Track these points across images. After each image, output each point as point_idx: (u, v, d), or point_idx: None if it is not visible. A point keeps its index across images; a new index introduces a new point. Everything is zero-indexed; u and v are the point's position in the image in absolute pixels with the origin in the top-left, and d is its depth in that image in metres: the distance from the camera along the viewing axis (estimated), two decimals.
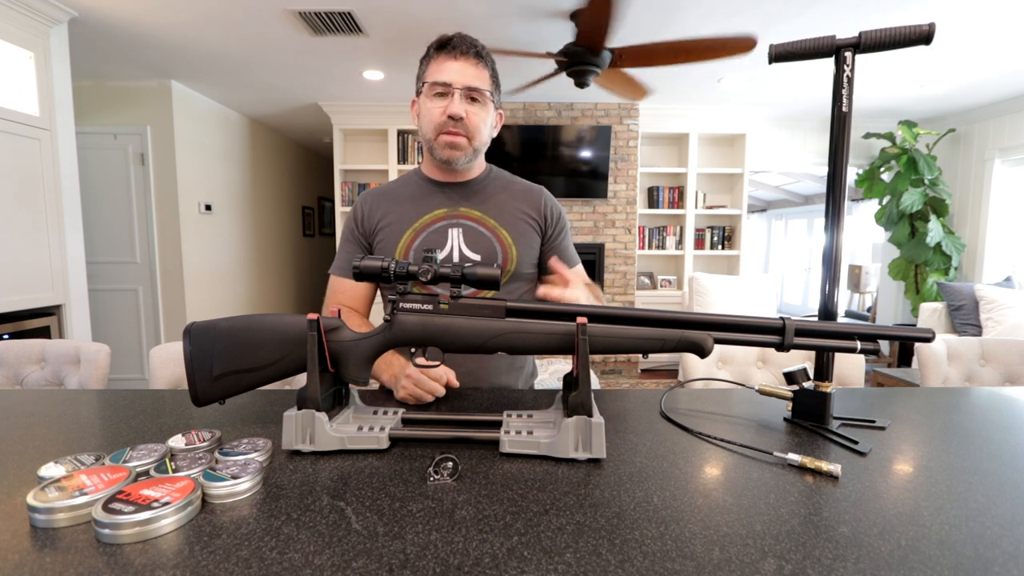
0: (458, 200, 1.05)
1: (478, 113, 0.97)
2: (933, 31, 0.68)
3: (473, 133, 0.98)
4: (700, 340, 0.65)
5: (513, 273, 1.04)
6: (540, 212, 1.08)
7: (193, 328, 0.64)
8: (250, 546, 0.44)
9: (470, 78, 0.95)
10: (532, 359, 1.19)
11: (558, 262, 0.90)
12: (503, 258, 1.02)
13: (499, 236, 1.03)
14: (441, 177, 1.06)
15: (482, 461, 0.62)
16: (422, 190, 1.07)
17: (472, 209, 1.04)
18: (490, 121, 1.01)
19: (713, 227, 4.48)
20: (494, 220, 1.04)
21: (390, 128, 4.20)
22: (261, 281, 4.91)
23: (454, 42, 0.96)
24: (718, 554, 0.43)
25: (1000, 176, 3.94)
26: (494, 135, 1.06)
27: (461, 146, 0.98)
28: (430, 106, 0.97)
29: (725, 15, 2.49)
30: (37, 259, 2.34)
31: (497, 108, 1.04)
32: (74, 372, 1.27)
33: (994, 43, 2.80)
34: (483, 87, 0.96)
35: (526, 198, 1.08)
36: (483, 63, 0.97)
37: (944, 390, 0.99)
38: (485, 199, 1.06)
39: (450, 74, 0.95)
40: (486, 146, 1.04)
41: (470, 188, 1.07)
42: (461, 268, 0.64)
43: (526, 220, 1.06)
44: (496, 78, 1.01)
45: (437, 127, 0.97)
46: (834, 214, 0.74)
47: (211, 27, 2.65)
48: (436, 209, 1.04)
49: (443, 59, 0.96)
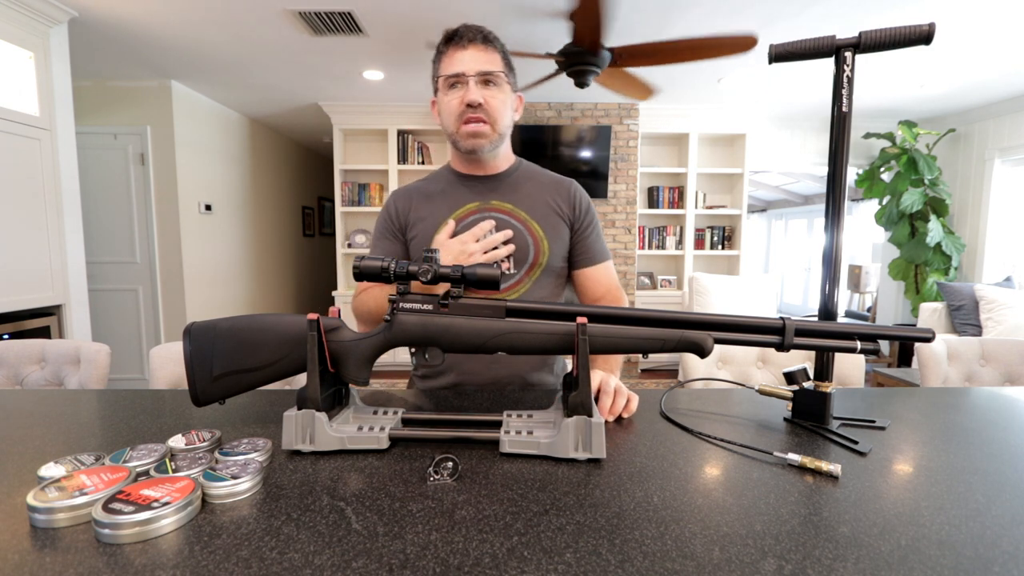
0: (488, 193, 1.04)
1: (496, 96, 0.96)
2: (933, 31, 0.68)
3: (494, 117, 0.97)
4: (700, 340, 0.65)
5: (545, 267, 1.03)
6: (570, 204, 1.07)
7: (193, 328, 0.64)
8: (250, 546, 0.44)
9: (482, 63, 0.94)
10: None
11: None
12: (535, 251, 1.02)
13: (530, 229, 1.03)
14: (470, 171, 1.06)
15: (482, 461, 0.62)
16: (452, 185, 1.06)
17: (503, 201, 1.04)
18: (509, 103, 1.00)
19: (713, 227, 4.48)
20: (525, 213, 1.03)
21: (390, 128, 4.20)
22: (261, 281, 4.91)
23: (460, 32, 0.96)
24: (718, 554, 0.43)
25: (1000, 176, 3.94)
26: (516, 118, 1.05)
27: (484, 133, 0.97)
28: (448, 99, 0.97)
29: (725, 14, 2.49)
30: (37, 259, 2.34)
31: (515, 91, 1.03)
32: (74, 372, 1.27)
33: (994, 43, 2.80)
34: (496, 69, 0.95)
35: (556, 190, 1.07)
36: (492, 47, 0.97)
37: (944, 390, 0.99)
38: (515, 191, 1.05)
39: (461, 63, 0.94)
40: (510, 129, 1.03)
41: (500, 180, 1.06)
42: (461, 268, 0.64)
43: (556, 212, 1.05)
44: (508, 60, 1.00)
45: (457, 117, 0.97)
46: (834, 214, 0.74)
47: (211, 27, 2.65)
48: (468, 203, 1.03)
49: (452, 51, 0.96)
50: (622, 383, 0.82)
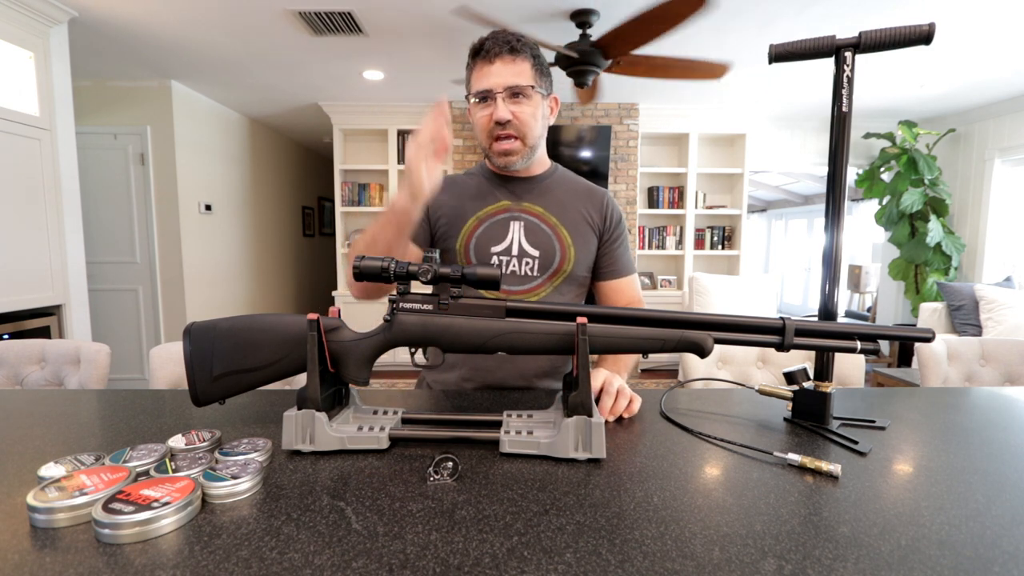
0: (522, 194, 1.05)
1: (524, 110, 0.95)
2: (933, 31, 0.68)
3: (524, 132, 0.96)
4: (700, 340, 0.65)
5: (569, 274, 1.03)
6: (601, 214, 1.06)
7: (193, 328, 0.64)
8: (250, 546, 0.44)
9: (508, 77, 0.93)
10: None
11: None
12: (560, 257, 1.02)
13: (559, 235, 1.02)
14: (504, 173, 1.06)
15: (482, 461, 0.62)
16: (487, 184, 1.06)
17: (534, 204, 1.04)
18: (540, 113, 0.98)
19: (713, 227, 4.48)
20: (555, 218, 1.03)
21: (390, 128, 4.20)
22: (261, 281, 4.91)
23: (487, 46, 0.94)
24: (718, 554, 0.43)
25: (1000, 176, 3.94)
26: (551, 122, 1.04)
27: (514, 150, 0.97)
28: (479, 115, 0.97)
29: (725, 14, 2.49)
30: (37, 259, 2.34)
31: (549, 93, 1.01)
32: (74, 372, 1.27)
33: (994, 43, 2.80)
34: (524, 83, 0.93)
35: (589, 198, 1.07)
36: (521, 56, 0.94)
37: (944, 390, 0.99)
38: (548, 195, 1.05)
39: (488, 79, 0.93)
40: (542, 139, 1.02)
41: (534, 183, 1.06)
42: (461, 268, 0.64)
43: (587, 220, 1.05)
44: (540, 65, 0.97)
45: (488, 134, 0.97)
46: (834, 214, 0.74)
47: (211, 27, 2.65)
48: (501, 201, 1.04)
49: (480, 66, 0.95)
50: (626, 384, 0.82)
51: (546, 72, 1.00)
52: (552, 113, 1.04)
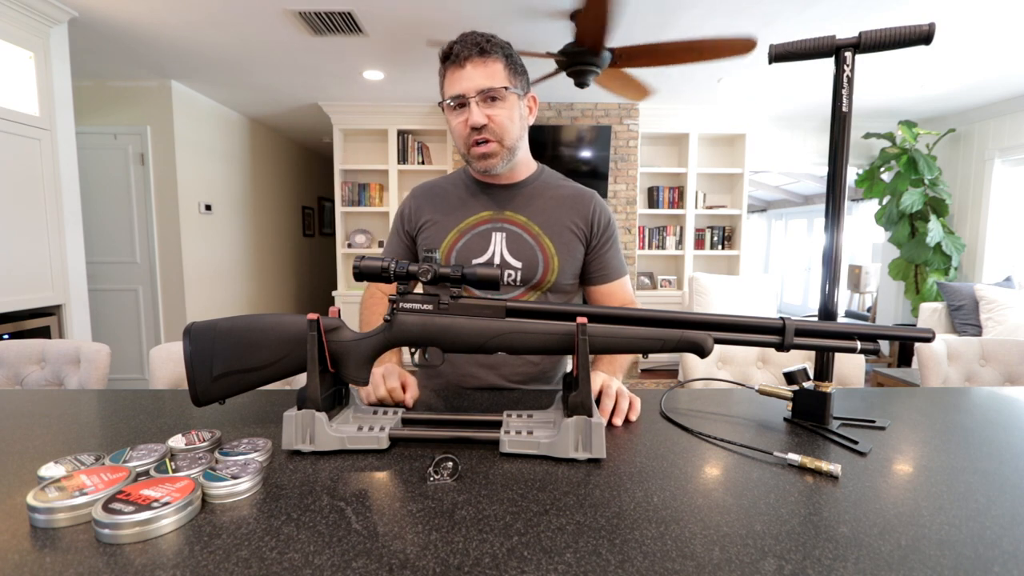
0: (504, 203, 1.02)
1: (500, 113, 0.93)
2: (933, 31, 0.68)
3: (501, 134, 0.94)
4: (700, 340, 0.65)
5: (553, 284, 1.01)
6: (587, 220, 1.03)
7: (193, 328, 0.64)
8: (250, 546, 0.44)
9: (480, 80, 0.90)
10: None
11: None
12: (544, 268, 1.00)
13: (542, 245, 1.00)
14: (486, 179, 1.04)
15: (482, 461, 0.62)
16: (469, 191, 1.05)
17: (517, 214, 1.02)
18: (517, 114, 0.96)
19: (713, 227, 4.48)
20: (539, 227, 1.01)
21: (390, 128, 4.20)
22: (261, 281, 4.91)
23: (455, 49, 0.91)
24: (718, 554, 0.43)
25: (1000, 176, 3.94)
26: (530, 122, 1.01)
27: (493, 153, 0.95)
28: (455, 122, 0.95)
29: (725, 15, 2.49)
30: (37, 259, 2.34)
31: (526, 93, 0.98)
32: (74, 372, 1.27)
33: (994, 43, 2.80)
34: (497, 84, 0.91)
35: (575, 205, 1.04)
36: (492, 57, 0.91)
37: (944, 390, 0.99)
38: (531, 203, 1.03)
39: (460, 84, 0.91)
40: (521, 140, 0.99)
41: (517, 191, 1.04)
42: (461, 268, 0.64)
43: (572, 229, 1.02)
44: (513, 65, 0.95)
45: (465, 140, 0.95)
46: (834, 214, 0.74)
47: (211, 27, 2.65)
48: (482, 211, 1.02)
49: (452, 71, 0.93)
50: (624, 386, 0.82)
51: (520, 71, 0.97)
52: (531, 113, 1.01)
